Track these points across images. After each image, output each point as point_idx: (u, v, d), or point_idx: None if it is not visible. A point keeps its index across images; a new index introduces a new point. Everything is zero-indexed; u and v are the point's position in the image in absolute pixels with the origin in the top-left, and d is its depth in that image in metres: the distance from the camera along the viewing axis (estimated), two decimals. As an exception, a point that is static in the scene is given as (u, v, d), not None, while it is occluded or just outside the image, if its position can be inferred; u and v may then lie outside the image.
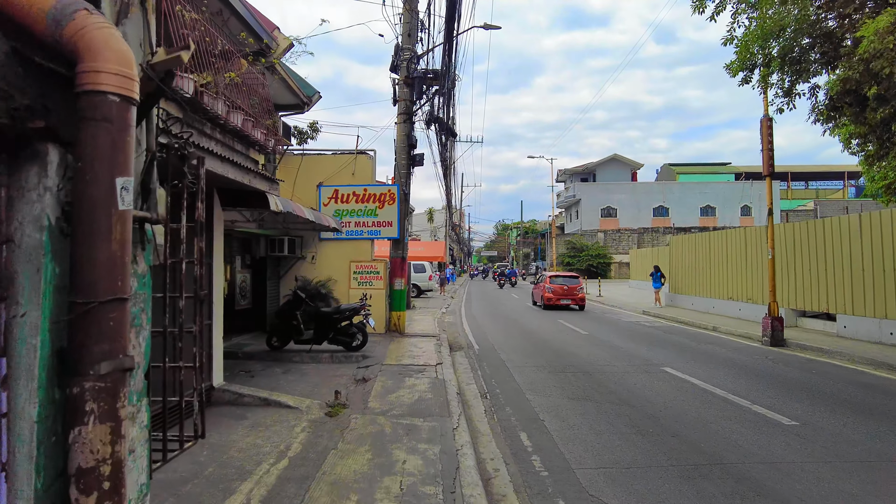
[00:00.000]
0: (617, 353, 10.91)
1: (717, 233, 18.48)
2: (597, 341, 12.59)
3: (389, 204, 12.61)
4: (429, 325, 14.74)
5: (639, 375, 8.82)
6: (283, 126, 12.14)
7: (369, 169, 12.81)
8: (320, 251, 12.82)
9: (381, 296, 12.56)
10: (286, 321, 10.01)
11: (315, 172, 12.90)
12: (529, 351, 11.22)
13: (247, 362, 9.51)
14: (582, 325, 15.77)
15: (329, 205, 12.79)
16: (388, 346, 11.00)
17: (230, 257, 11.23)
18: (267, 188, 5.99)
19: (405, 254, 12.81)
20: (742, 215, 55.12)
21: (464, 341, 12.82)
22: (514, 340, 12.76)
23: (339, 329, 9.99)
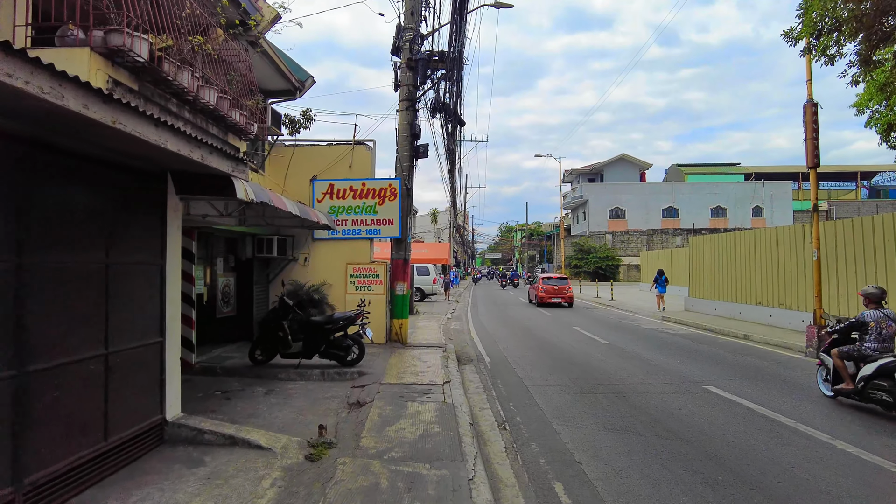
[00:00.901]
0: (648, 368, 9.61)
1: (743, 233, 17.16)
2: (622, 353, 11.29)
3: (390, 200, 11.36)
4: (434, 334, 13.47)
5: (681, 397, 7.52)
6: (273, 113, 10.92)
7: (368, 161, 11.57)
8: (314, 252, 11.57)
9: (381, 302, 11.30)
10: (271, 332, 8.76)
11: (308, 165, 11.67)
12: (548, 365, 9.93)
13: (225, 380, 8.26)
14: (600, 332, 14.46)
15: (323, 201, 11.54)
16: (388, 359, 9.73)
17: (210, 259, 9.99)
18: (230, 169, 4.73)
19: (408, 255, 11.56)
20: (754, 216, 53.68)
21: (473, 352, 11.54)
22: (529, 352, 11.47)
23: (331, 341, 8.73)
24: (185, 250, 8.34)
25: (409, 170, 11.50)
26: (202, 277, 9.47)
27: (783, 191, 54.32)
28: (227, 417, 6.29)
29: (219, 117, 7.43)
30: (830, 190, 66.60)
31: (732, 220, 53.43)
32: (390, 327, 11.44)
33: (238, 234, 10.69)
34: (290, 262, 11.57)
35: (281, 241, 11.06)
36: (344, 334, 8.80)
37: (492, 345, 12.51)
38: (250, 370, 8.66)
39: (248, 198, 4.98)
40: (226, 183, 4.90)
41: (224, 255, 10.57)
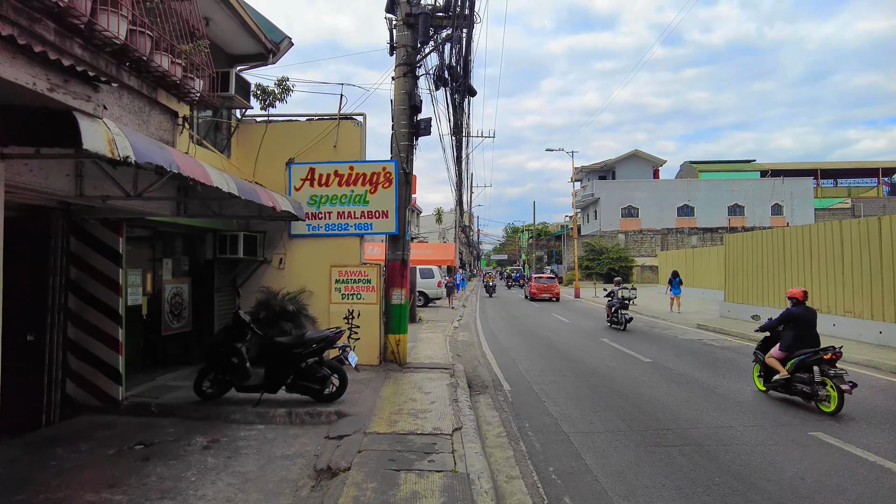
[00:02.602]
0: (717, 400, 7.40)
1: (794, 229, 14.88)
2: (671, 375, 9.08)
3: (384, 187, 9.19)
4: (438, 349, 11.28)
5: (789, 452, 5.32)
6: (239, 81, 8.77)
7: (357, 140, 9.41)
8: (291, 252, 9.41)
9: (374, 313, 9.13)
10: (223, 358, 6.60)
11: (284, 145, 9.52)
12: (587, 396, 7.72)
13: (158, 424, 6.11)
14: (634, 346, 12.24)
15: (302, 189, 9.39)
16: (380, 389, 7.54)
17: (150, 261, 7.83)
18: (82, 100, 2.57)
19: (406, 255, 9.39)
20: (773, 214, 51.22)
21: (487, 375, 9.35)
22: (556, 374, 9.26)
23: (302, 370, 6.56)
24: (109, 249, 6.22)
25: (408, 150, 9.33)
26: (139, 285, 7.33)
27: (804, 188, 51.85)
28: (125, 501, 4.14)
29: (136, 61, 5.28)
30: (851, 187, 64.16)
31: (750, 218, 51.05)
32: (385, 345, 9.26)
33: (195, 231, 8.55)
34: (261, 265, 9.41)
35: (249, 238, 8.91)
36: (319, 360, 6.63)
37: (509, 363, 10.31)
38: (196, 408, 6.50)
39: (114, 155, 2.82)
40: (65, 123, 2.73)
41: (176, 257, 8.43)
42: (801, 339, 7.28)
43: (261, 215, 7.28)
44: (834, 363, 6.84)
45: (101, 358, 6.41)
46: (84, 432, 5.75)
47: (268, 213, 6.74)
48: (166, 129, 6.09)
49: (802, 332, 7.30)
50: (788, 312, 7.49)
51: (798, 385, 7.09)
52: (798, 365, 7.11)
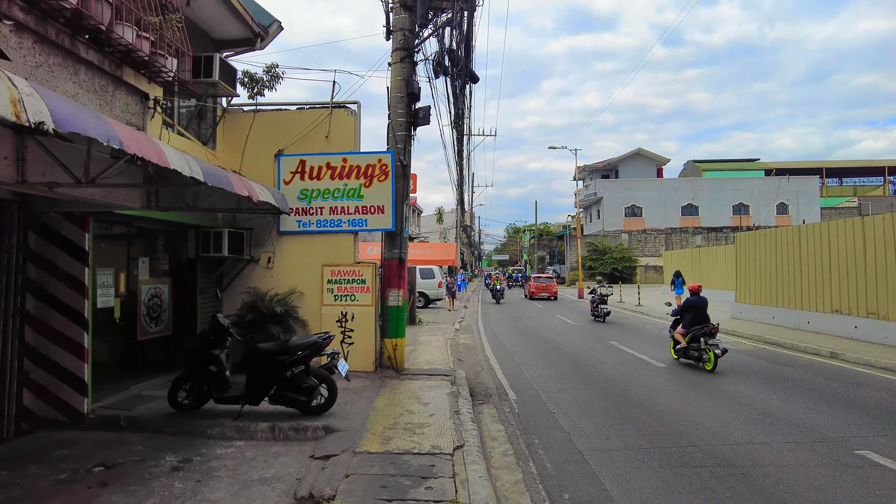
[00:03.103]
0: (744, 411, 6.75)
1: (812, 226, 14.22)
2: (690, 383, 8.43)
3: (380, 180, 8.56)
4: (438, 353, 10.65)
5: (835, 476, 4.67)
6: (224, 67, 8.17)
7: (351, 130, 8.78)
8: (280, 250, 8.79)
9: (369, 316, 8.49)
10: (201, 367, 5.97)
11: (273, 136, 8.90)
12: (600, 406, 7.08)
13: (125, 441, 5.48)
14: (645, 350, 11.59)
15: (292, 182, 8.76)
16: (374, 398, 6.91)
17: (125, 260, 7.21)
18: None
19: (404, 253, 8.75)
20: (778, 213, 50.51)
21: (491, 382, 8.71)
22: (565, 382, 8.62)
23: (287, 379, 5.93)
24: (73, 246, 5.59)
25: (406, 141, 8.70)
26: (111, 285, 6.70)
27: (809, 186, 51.12)
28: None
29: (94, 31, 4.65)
30: (856, 186, 63.40)
31: (755, 217, 50.35)
32: (381, 350, 8.62)
33: (175, 227, 7.93)
34: (248, 264, 8.79)
35: (235, 235, 8.29)
36: (306, 369, 5.99)
37: (514, 369, 9.67)
38: (170, 422, 5.87)
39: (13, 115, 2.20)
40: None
41: (154, 255, 7.80)
42: (696, 320, 9.78)
43: (240, 208, 6.64)
44: (714, 335, 9.54)
45: (64, 366, 5.78)
46: (39, 452, 5.13)
47: (247, 204, 6.12)
48: (134, 111, 5.47)
49: (696, 315, 9.82)
50: (689, 301, 10.10)
51: (692, 352, 9.69)
52: (692, 338, 9.70)
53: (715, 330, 9.55)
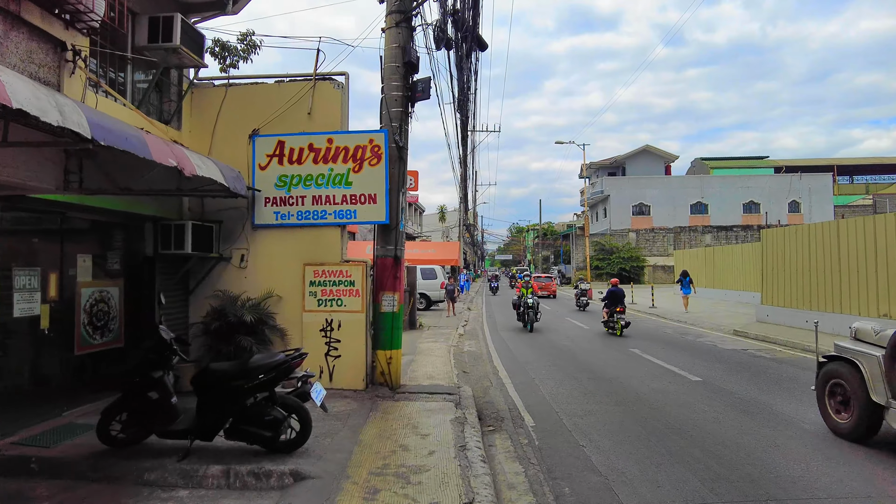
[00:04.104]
0: (820, 445, 5.45)
1: (855, 221, 12.87)
2: (737, 401, 7.13)
3: (372, 165, 7.28)
4: (441, 364, 9.38)
5: None
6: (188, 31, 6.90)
7: (337, 106, 7.51)
8: (254, 247, 7.53)
9: (359, 324, 7.21)
10: (138, 393, 4.70)
11: (247, 114, 7.64)
12: (637, 434, 5.79)
13: (27, 492, 4.21)
14: (674, 359, 10.29)
15: (269, 167, 7.50)
16: (361, 428, 5.62)
17: (56, 259, 5.93)
18: None
19: (400, 251, 7.47)
20: (790, 212, 49.03)
21: (502, 400, 7.42)
22: (592, 402, 7.33)
23: (247, 409, 4.65)
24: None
25: (401, 118, 7.42)
26: (37, 288, 5.43)
27: (822, 184, 49.70)
28: None
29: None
30: (869, 183, 61.90)
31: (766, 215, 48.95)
32: (373, 364, 7.34)
33: (128, 219, 6.67)
34: (218, 263, 7.53)
35: (201, 229, 7.04)
36: (270, 396, 4.71)
37: (528, 385, 8.38)
38: (97, 463, 4.60)
39: None
40: None
41: (99, 253, 6.53)
42: (612, 303, 14.10)
43: (181, 189, 5.35)
44: (622, 313, 13.96)
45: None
46: None
47: (191, 184, 4.86)
48: (44, 64, 4.22)
49: (613, 300, 14.06)
50: (610, 291, 14.34)
51: (610, 322, 14.16)
52: (609, 314, 14.22)
53: (621, 309, 13.98)
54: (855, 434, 5.47)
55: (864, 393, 5.28)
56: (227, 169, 5.05)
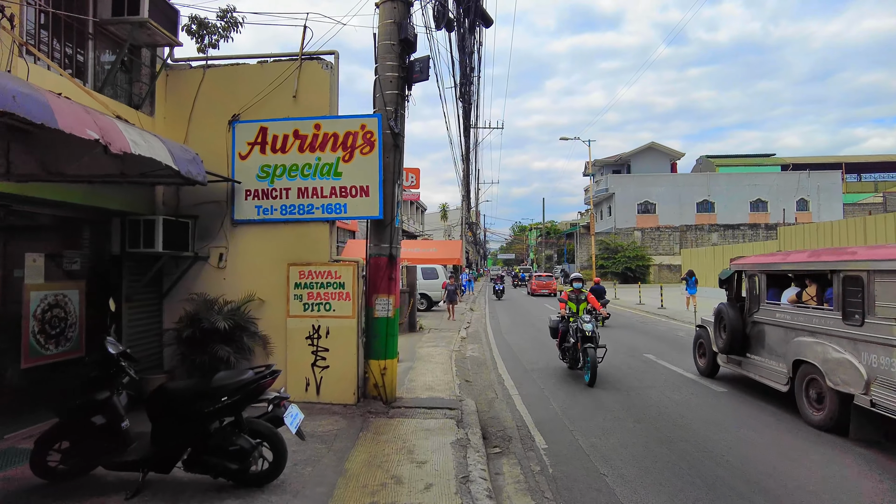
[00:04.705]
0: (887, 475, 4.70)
1: (879, 218, 12.12)
2: (775, 423, 6.37)
3: (364, 153, 6.54)
4: (441, 373, 8.63)
5: None
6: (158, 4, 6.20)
7: (325, 88, 6.76)
8: (234, 245, 6.80)
9: (349, 331, 6.47)
10: (83, 418, 3.97)
11: (228, 98, 6.91)
12: (665, 459, 5.04)
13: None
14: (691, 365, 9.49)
15: (250, 156, 6.77)
16: (348, 453, 4.88)
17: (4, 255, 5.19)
18: None
19: (396, 249, 6.72)
20: (798, 210, 48.11)
21: (508, 416, 6.67)
22: (609, 418, 6.58)
23: (209, 436, 3.91)
24: None
25: (397, 102, 6.67)
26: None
27: (831, 182, 48.81)
28: None
29: None
30: (877, 182, 60.92)
31: (774, 214, 48.07)
32: (365, 375, 6.59)
33: (91, 214, 5.94)
34: (194, 263, 6.80)
35: (174, 225, 6.32)
36: (237, 422, 3.97)
37: (537, 397, 7.63)
38: (29, 502, 3.87)
39: None
40: None
41: (54, 252, 5.80)
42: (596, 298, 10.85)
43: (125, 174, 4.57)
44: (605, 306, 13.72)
45: None
46: None
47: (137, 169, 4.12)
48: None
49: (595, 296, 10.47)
50: (593, 288, 14.51)
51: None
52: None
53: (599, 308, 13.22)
54: (706, 372, 8.61)
55: (709, 346, 8.45)
56: (178, 149, 4.28)
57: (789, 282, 7.26)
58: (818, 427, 5.87)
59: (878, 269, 5.30)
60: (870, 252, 5.68)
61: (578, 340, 8.44)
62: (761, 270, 7.41)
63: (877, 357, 5.20)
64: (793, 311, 6.62)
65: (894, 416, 4.95)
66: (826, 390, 5.79)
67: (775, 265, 7.26)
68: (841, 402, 5.58)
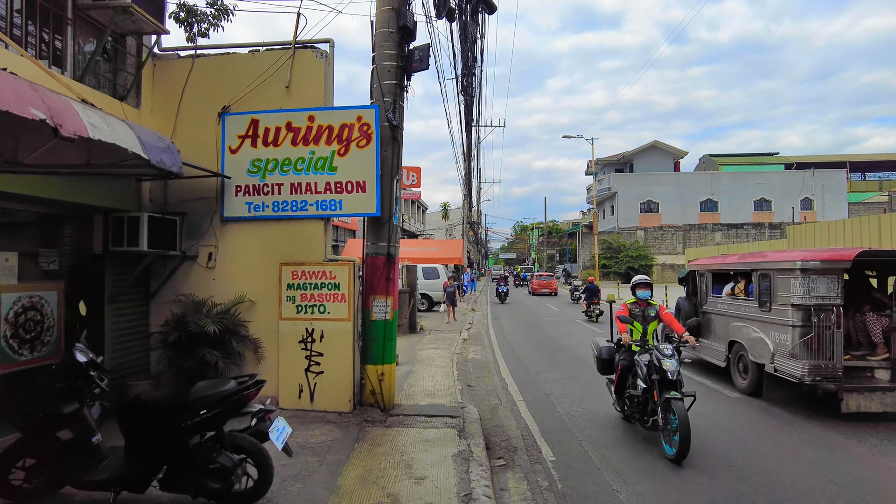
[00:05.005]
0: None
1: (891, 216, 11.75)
2: (794, 429, 6.03)
3: (360, 146, 6.20)
4: (442, 377, 8.28)
5: None
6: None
7: (320, 79, 6.41)
8: (224, 244, 6.46)
9: (345, 334, 6.12)
10: (47, 430, 3.63)
11: (218, 89, 6.57)
12: (681, 471, 4.69)
13: None
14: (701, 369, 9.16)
15: (241, 150, 6.43)
16: (341, 467, 4.53)
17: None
18: None
19: (394, 248, 6.37)
20: (803, 209, 47.66)
21: (513, 423, 6.32)
22: (617, 426, 6.23)
23: (188, 453, 3.57)
24: None
25: (395, 92, 6.32)
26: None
27: (836, 180, 48.37)
28: None
29: None
30: (881, 181, 60.43)
31: (778, 213, 47.71)
32: (361, 381, 6.25)
33: (70, 210, 5.61)
34: (182, 263, 6.46)
35: (161, 222, 5.99)
36: (218, 436, 3.63)
37: (542, 402, 7.28)
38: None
39: None
40: None
41: (30, 249, 5.46)
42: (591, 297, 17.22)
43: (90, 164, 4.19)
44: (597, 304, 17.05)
45: None
46: None
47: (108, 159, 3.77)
48: None
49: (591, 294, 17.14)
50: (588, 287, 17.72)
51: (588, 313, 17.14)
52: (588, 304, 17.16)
53: (596, 301, 16.90)
54: None
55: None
56: (150, 136, 3.90)
57: (729, 279, 8.68)
58: (743, 392, 7.56)
59: (777, 269, 6.99)
60: (775, 255, 7.56)
61: (654, 385, 5.30)
62: (708, 270, 9.11)
63: (778, 334, 6.84)
64: (729, 302, 8.32)
65: (788, 377, 6.57)
66: (749, 363, 7.49)
67: (717, 266, 8.98)
68: (758, 371, 7.27)
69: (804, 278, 6.45)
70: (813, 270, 6.43)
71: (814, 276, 6.41)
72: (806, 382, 6.23)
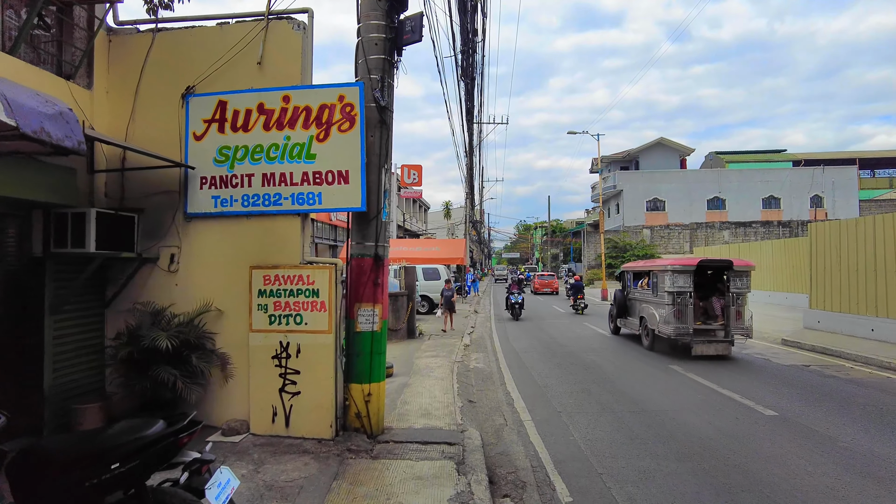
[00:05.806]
0: None
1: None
2: (850, 456, 5.16)
3: (342, 130, 5.35)
4: (440, 392, 7.43)
5: None
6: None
7: (296, 53, 5.58)
8: (188, 244, 5.63)
9: (326, 349, 5.28)
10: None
11: (182, 67, 5.74)
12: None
13: None
14: (727, 381, 8.30)
15: (207, 136, 5.60)
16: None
17: None
18: None
19: (383, 249, 5.53)
20: (812, 207, 46.62)
21: (520, 451, 5.47)
22: (644, 454, 5.38)
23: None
24: None
25: (384, 68, 5.47)
26: None
27: (847, 177, 47.29)
28: None
29: None
30: (892, 177, 59.28)
31: (787, 211, 46.79)
32: (345, 402, 5.40)
33: (2, 204, 4.79)
34: (142, 266, 5.64)
35: (113, 219, 5.17)
36: (137, 494, 2.78)
37: (553, 423, 6.43)
38: None
39: None
40: None
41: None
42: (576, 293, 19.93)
43: None
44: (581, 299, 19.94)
45: None
46: None
47: None
48: None
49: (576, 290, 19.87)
50: (573, 284, 20.53)
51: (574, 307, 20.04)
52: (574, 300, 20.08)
53: (581, 297, 19.76)
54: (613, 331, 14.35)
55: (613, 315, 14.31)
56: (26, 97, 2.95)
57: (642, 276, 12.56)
58: (646, 349, 11.64)
59: (660, 270, 11.15)
60: (662, 261, 11.95)
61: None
62: (630, 270, 13.54)
63: (661, 310, 10.94)
64: (640, 291, 12.46)
65: (665, 336, 10.77)
66: (648, 330, 11.63)
67: (635, 268, 13.22)
68: (653, 334, 11.43)
69: (672, 275, 10.63)
70: (674, 271, 10.65)
71: (675, 274, 10.60)
72: (673, 338, 10.54)
